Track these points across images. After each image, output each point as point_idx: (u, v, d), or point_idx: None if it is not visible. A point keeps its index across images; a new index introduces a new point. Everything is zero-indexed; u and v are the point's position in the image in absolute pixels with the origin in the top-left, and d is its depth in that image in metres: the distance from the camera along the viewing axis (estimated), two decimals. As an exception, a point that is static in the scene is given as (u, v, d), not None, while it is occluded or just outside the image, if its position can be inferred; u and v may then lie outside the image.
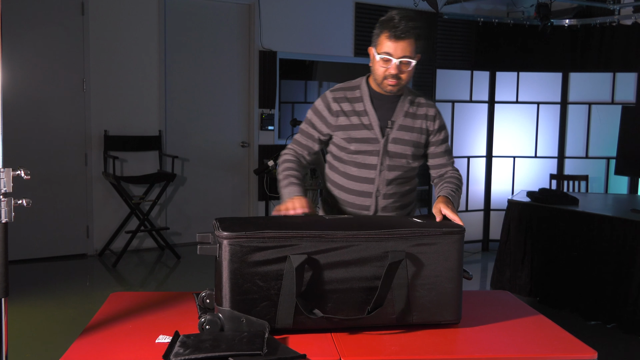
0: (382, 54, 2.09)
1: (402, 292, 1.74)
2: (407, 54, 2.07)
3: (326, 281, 1.70)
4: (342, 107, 2.20)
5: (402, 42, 2.05)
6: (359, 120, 2.18)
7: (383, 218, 1.90)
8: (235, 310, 1.65)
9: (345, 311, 1.72)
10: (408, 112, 2.22)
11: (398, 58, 2.07)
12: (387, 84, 2.13)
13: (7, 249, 1.53)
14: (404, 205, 2.31)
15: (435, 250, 1.77)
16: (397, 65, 2.08)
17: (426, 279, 1.76)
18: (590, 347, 1.67)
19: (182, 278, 5.08)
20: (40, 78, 5.33)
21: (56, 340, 3.63)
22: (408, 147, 2.21)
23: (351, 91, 2.23)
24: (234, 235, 1.65)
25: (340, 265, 1.71)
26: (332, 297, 1.71)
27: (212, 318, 1.65)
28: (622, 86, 6.08)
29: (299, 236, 1.68)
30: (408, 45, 2.06)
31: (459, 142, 6.28)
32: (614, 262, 3.99)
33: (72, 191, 5.50)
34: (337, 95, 2.22)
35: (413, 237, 1.75)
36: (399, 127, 2.20)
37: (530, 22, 6.78)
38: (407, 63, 2.09)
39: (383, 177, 2.21)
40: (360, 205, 2.25)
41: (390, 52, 2.07)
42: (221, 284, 1.66)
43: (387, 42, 2.07)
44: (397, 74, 2.10)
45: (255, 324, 1.65)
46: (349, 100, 2.21)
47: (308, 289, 1.69)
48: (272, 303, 1.67)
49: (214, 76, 6.14)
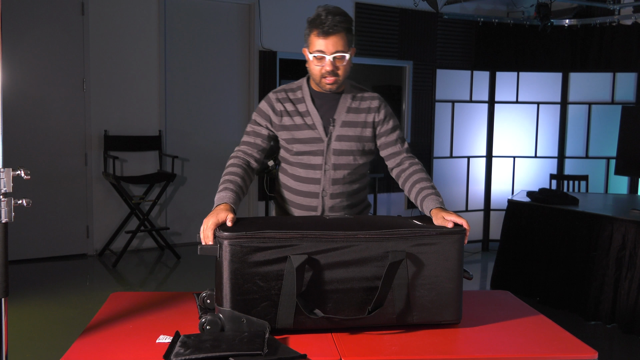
0: (315, 53, 2.07)
1: (403, 292, 1.74)
2: (340, 49, 2.05)
3: (327, 281, 1.70)
4: (285, 107, 2.18)
5: (332, 38, 2.04)
6: (302, 121, 2.16)
7: (383, 218, 1.90)
8: (235, 310, 1.65)
9: (345, 311, 1.72)
10: (350, 107, 2.19)
11: (331, 54, 2.05)
12: (325, 82, 2.11)
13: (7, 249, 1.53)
14: (353, 204, 2.27)
15: (435, 251, 1.77)
16: (332, 62, 2.06)
17: (426, 279, 1.76)
18: (590, 347, 1.67)
19: (182, 278, 5.08)
20: (40, 78, 5.33)
21: (56, 340, 3.63)
22: (353, 143, 2.17)
23: (293, 92, 2.21)
24: (234, 235, 1.65)
25: (340, 265, 1.71)
26: (333, 297, 1.71)
27: (212, 318, 1.65)
28: (622, 86, 6.08)
29: (300, 236, 1.68)
30: (338, 40, 2.05)
31: (459, 142, 6.28)
32: (614, 262, 3.99)
33: (72, 191, 5.50)
34: (280, 96, 2.20)
35: (413, 237, 1.75)
36: (342, 123, 2.17)
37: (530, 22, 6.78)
38: (341, 58, 2.07)
39: (328, 176, 2.18)
40: (307, 206, 2.22)
41: (322, 49, 2.05)
42: (222, 284, 1.66)
43: (317, 40, 2.06)
44: (332, 70, 2.08)
45: (256, 324, 1.65)
46: (291, 101, 2.19)
47: (308, 289, 1.69)
48: (273, 303, 1.67)
49: (214, 76, 6.14)
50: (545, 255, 4.49)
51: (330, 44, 2.04)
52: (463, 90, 6.26)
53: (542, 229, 4.52)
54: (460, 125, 6.27)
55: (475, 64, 7.28)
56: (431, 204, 2.01)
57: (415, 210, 7.05)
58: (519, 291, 4.55)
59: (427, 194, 2.07)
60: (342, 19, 2.06)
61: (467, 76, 6.27)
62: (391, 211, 6.90)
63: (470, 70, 6.33)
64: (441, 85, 6.15)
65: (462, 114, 6.27)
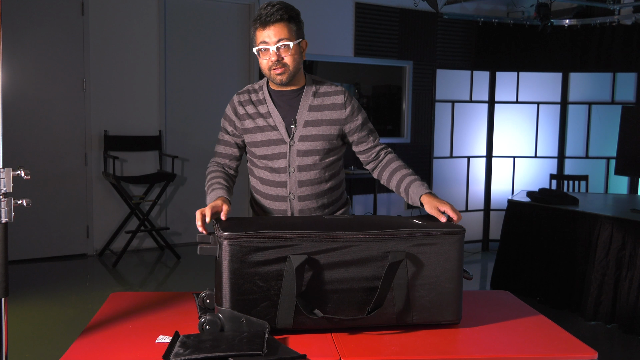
0: (259, 46, 2.03)
1: (402, 292, 1.74)
2: (282, 37, 2.00)
3: (326, 281, 1.70)
4: (247, 110, 2.14)
5: (272, 27, 1.99)
6: (264, 122, 2.11)
7: (383, 218, 1.90)
8: (235, 310, 1.65)
9: (345, 311, 1.72)
10: (313, 105, 2.11)
11: (274, 44, 1.99)
12: (275, 73, 2.03)
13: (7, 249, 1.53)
14: (326, 204, 2.21)
15: (435, 251, 1.77)
16: (276, 52, 2.01)
17: (426, 279, 1.76)
18: (590, 347, 1.67)
19: (182, 278, 5.08)
20: (40, 78, 5.33)
21: (56, 340, 3.63)
22: (318, 142, 2.10)
23: (255, 93, 2.17)
24: (234, 235, 1.65)
25: (340, 266, 1.71)
26: (332, 297, 1.71)
27: (212, 318, 1.65)
28: (622, 86, 6.08)
29: (299, 236, 1.68)
30: (280, 29, 2.00)
31: (459, 142, 6.28)
32: (614, 262, 3.99)
33: (72, 191, 5.50)
34: (242, 99, 2.16)
35: (413, 238, 1.75)
36: (305, 123, 2.10)
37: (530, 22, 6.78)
38: (285, 47, 2.00)
39: (294, 179, 2.12)
40: (277, 210, 2.19)
41: (265, 39, 2.01)
42: (221, 284, 1.66)
43: (259, 33, 2.02)
44: (278, 59, 2.02)
45: (255, 324, 1.65)
46: (253, 102, 2.15)
47: (308, 289, 1.69)
48: (272, 303, 1.67)
49: (214, 76, 6.14)
50: (545, 255, 4.49)
51: (272, 33, 2.00)
52: (463, 90, 6.26)
53: (542, 229, 4.51)
54: (460, 125, 6.28)
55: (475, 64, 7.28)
56: (419, 190, 2.00)
57: (415, 211, 7.05)
58: (519, 291, 4.55)
59: (410, 180, 2.05)
60: (280, 7, 2.00)
61: (467, 76, 6.27)
62: (391, 211, 6.90)
63: (470, 70, 6.33)
64: (441, 85, 6.16)
65: (462, 114, 6.27)
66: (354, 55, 6.67)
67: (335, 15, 6.56)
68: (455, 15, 6.92)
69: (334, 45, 6.54)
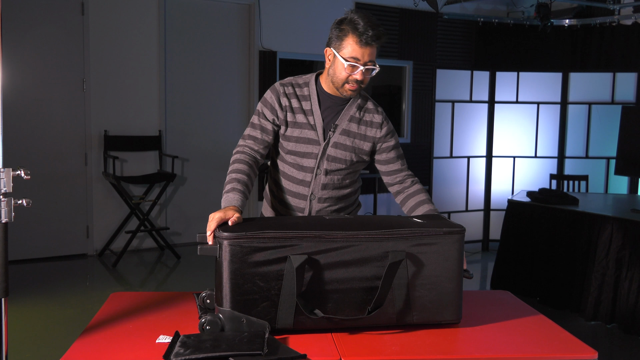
0: (349, 60, 2.02)
1: (402, 292, 1.74)
2: (373, 59, 2.04)
3: (326, 281, 1.70)
4: (290, 103, 2.14)
5: (370, 48, 2.01)
6: (304, 119, 2.13)
7: (383, 218, 1.90)
8: (235, 310, 1.65)
9: (345, 311, 1.72)
10: (354, 116, 2.16)
11: (364, 64, 2.02)
12: (349, 88, 2.07)
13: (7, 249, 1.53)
14: (342, 208, 2.26)
15: (435, 250, 1.77)
16: (362, 72, 2.03)
17: (426, 279, 1.76)
18: (590, 347, 1.67)
19: (182, 278, 5.08)
20: (40, 78, 5.33)
21: (56, 340, 3.63)
22: (348, 153, 2.15)
23: (300, 88, 2.17)
24: (234, 235, 1.65)
25: (340, 265, 1.71)
26: (333, 297, 1.71)
27: (212, 318, 1.65)
28: (622, 86, 6.08)
29: (300, 236, 1.68)
30: (373, 51, 2.03)
31: (459, 142, 6.28)
32: (614, 262, 3.99)
33: (72, 191, 5.50)
34: (287, 90, 2.15)
35: (413, 237, 1.75)
36: (342, 131, 2.14)
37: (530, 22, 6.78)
38: (371, 69, 2.05)
39: (319, 181, 2.16)
40: (295, 207, 2.21)
41: (358, 57, 2.01)
42: (221, 284, 1.66)
43: (356, 47, 2.01)
44: (362, 79, 2.05)
45: (256, 324, 1.65)
46: (297, 97, 2.15)
47: (308, 289, 1.69)
48: (273, 303, 1.67)
49: (214, 76, 6.14)
50: (545, 255, 4.49)
51: (367, 53, 2.01)
52: (463, 90, 6.26)
53: (542, 229, 4.51)
54: (460, 125, 6.28)
55: (475, 64, 7.28)
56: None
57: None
58: (519, 291, 4.55)
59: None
60: (382, 32, 2.02)
61: (467, 76, 6.27)
62: (391, 211, 6.90)
63: (470, 70, 6.33)
64: (441, 85, 6.15)
65: (462, 114, 6.27)
66: (354, 55, 6.66)
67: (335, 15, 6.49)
68: (455, 15, 6.92)
69: (334, 45, 6.53)
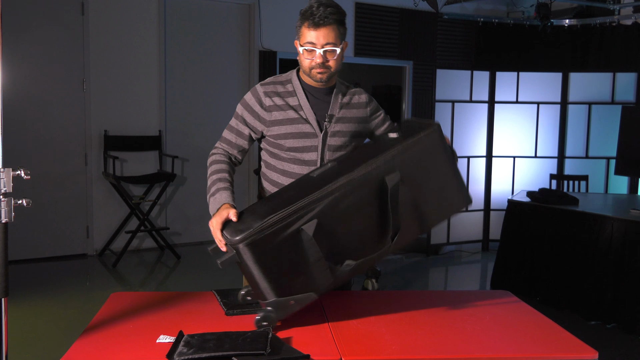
0: (305, 45, 2.03)
1: (411, 206, 1.79)
2: (331, 41, 2.01)
3: (343, 232, 1.74)
4: (274, 102, 2.12)
5: (323, 29, 1.99)
6: (295, 114, 2.10)
7: (362, 150, 1.90)
8: (279, 297, 1.70)
9: (370, 249, 1.76)
10: (343, 102, 2.17)
11: (321, 47, 2.01)
12: (316, 72, 2.06)
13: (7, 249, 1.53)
14: None
15: (420, 154, 1.82)
16: (322, 55, 2.02)
17: (425, 182, 1.83)
18: (591, 347, 1.67)
19: (182, 278, 5.08)
20: (40, 78, 5.33)
21: (56, 340, 3.63)
22: (349, 139, 2.15)
23: (282, 85, 2.15)
24: (245, 235, 1.67)
25: (348, 213, 1.74)
26: (354, 243, 1.76)
27: (265, 314, 1.69)
28: (622, 86, 6.08)
29: (301, 206, 1.70)
30: (330, 32, 2.00)
31: (459, 142, 6.28)
32: (614, 262, 3.99)
33: (72, 191, 5.50)
34: (268, 90, 2.13)
35: (398, 155, 1.79)
36: (337, 119, 2.14)
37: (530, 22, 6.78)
38: (331, 51, 2.02)
39: None
40: None
41: (313, 41, 2.00)
42: (255, 281, 1.70)
43: (307, 31, 2.01)
44: (322, 62, 2.03)
45: (304, 299, 1.71)
46: (280, 94, 2.13)
47: (331, 247, 1.73)
48: (307, 275, 1.71)
49: (214, 76, 6.14)
50: (545, 255, 4.49)
51: (321, 35, 2.00)
52: (463, 90, 6.26)
53: (542, 229, 4.51)
54: (460, 125, 6.27)
55: (475, 64, 7.27)
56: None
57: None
58: (519, 291, 4.55)
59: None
60: (334, 11, 2.01)
61: (467, 76, 6.27)
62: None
63: (470, 70, 6.33)
64: (441, 85, 6.15)
65: (462, 114, 6.27)
66: (354, 55, 6.67)
67: (335, 15, 6.55)
68: (455, 15, 6.92)
69: (334, 45, 6.53)
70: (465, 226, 6.34)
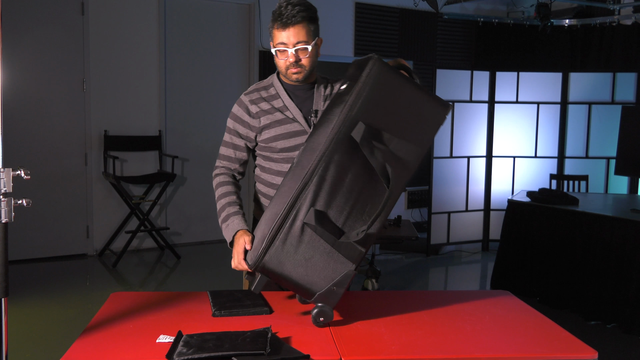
0: (277, 46, 2.04)
1: (394, 141, 1.77)
2: (301, 39, 2.01)
3: (342, 206, 1.76)
4: (260, 107, 2.13)
5: (292, 29, 2.00)
6: (282, 116, 2.12)
7: (321, 121, 1.86)
8: (320, 288, 1.74)
9: (373, 209, 1.77)
10: (326, 95, 2.18)
11: (293, 46, 2.01)
12: (291, 72, 2.07)
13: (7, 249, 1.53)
14: None
15: (371, 90, 1.78)
16: (294, 54, 2.03)
17: (393, 113, 1.80)
18: (591, 347, 1.67)
19: (182, 278, 5.08)
20: (40, 78, 5.33)
21: (56, 340, 3.63)
22: None
23: (265, 90, 2.17)
24: (255, 261, 1.75)
25: (339, 182, 1.75)
26: (356, 210, 1.77)
27: (320, 310, 1.74)
28: (622, 86, 6.08)
29: (292, 201, 1.74)
30: (299, 31, 2.01)
31: (459, 142, 6.28)
32: (614, 262, 3.99)
33: (72, 191, 5.50)
34: (253, 97, 2.15)
35: (352, 104, 1.76)
36: (323, 113, 2.14)
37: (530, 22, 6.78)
38: (303, 49, 2.03)
39: None
40: None
41: (284, 41, 2.01)
42: (296, 285, 1.76)
43: (278, 32, 2.02)
44: (295, 61, 2.04)
45: (343, 280, 1.74)
46: (265, 99, 2.15)
47: (339, 220, 1.76)
48: (332, 257, 1.74)
49: (214, 76, 6.14)
50: (545, 255, 4.49)
51: (291, 35, 2.00)
52: (463, 90, 6.26)
53: (542, 229, 4.51)
54: (460, 125, 6.27)
55: (475, 64, 7.27)
56: None
57: (414, 211, 7.05)
58: (519, 291, 4.55)
59: None
60: (302, 9, 2.01)
61: (467, 76, 6.27)
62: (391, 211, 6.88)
63: (470, 70, 6.33)
64: (441, 85, 6.15)
65: (462, 114, 6.27)
66: (354, 55, 6.67)
67: (335, 15, 6.56)
68: (455, 15, 6.92)
69: (334, 45, 6.54)
70: (465, 226, 6.34)
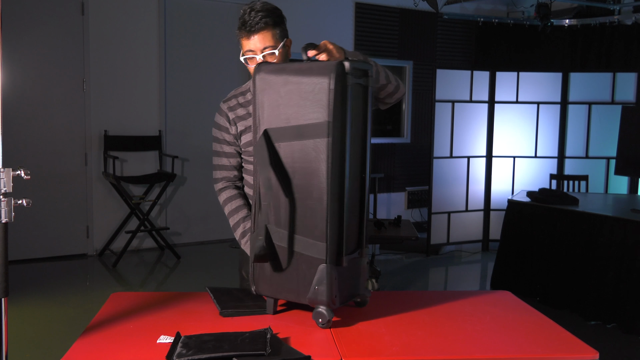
0: (246, 54, 2.02)
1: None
2: (268, 44, 2.00)
3: (285, 214, 1.74)
4: (237, 114, 2.13)
5: (257, 36, 1.99)
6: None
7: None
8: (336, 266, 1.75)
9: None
10: None
11: (260, 52, 2.00)
12: None
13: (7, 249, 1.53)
14: None
15: (257, 96, 1.75)
16: (263, 60, 2.00)
17: (281, 108, 1.73)
18: (591, 347, 1.67)
19: (182, 278, 5.08)
20: (40, 78, 5.33)
21: (56, 340, 3.63)
22: None
23: (243, 96, 2.16)
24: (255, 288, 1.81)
25: (278, 202, 1.74)
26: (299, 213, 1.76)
27: (315, 312, 1.74)
28: (622, 86, 6.08)
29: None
30: (264, 36, 2.00)
31: (459, 142, 6.28)
32: (614, 262, 3.99)
33: (72, 191, 5.50)
34: (230, 104, 2.15)
35: (254, 120, 1.76)
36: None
37: (530, 22, 6.78)
38: (271, 54, 2.01)
39: None
40: None
41: (251, 48, 2.00)
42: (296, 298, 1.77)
43: (245, 41, 2.01)
44: None
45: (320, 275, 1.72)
46: (242, 105, 2.14)
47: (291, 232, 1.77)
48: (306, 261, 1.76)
49: (214, 76, 6.14)
50: (545, 255, 4.49)
51: (257, 41, 1.99)
52: (463, 90, 6.26)
53: (542, 228, 4.52)
54: (460, 125, 6.27)
55: (475, 64, 7.28)
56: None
57: (415, 211, 7.05)
58: (519, 291, 4.54)
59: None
60: (264, 15, 1.99)
61: (467, 76, 6.27)
62: (391, 211, 6.89)
63: (470, 70, 6.33)
64: (441, 85, 6.15)
65: (462, 114, 6.27)
66: (354, 55, 6.66)
67: (335, 15, 6.56)
68: (455, 15, 6.92)
69: (334, 45, 6.53)
70: (465, 226, 6.34)
